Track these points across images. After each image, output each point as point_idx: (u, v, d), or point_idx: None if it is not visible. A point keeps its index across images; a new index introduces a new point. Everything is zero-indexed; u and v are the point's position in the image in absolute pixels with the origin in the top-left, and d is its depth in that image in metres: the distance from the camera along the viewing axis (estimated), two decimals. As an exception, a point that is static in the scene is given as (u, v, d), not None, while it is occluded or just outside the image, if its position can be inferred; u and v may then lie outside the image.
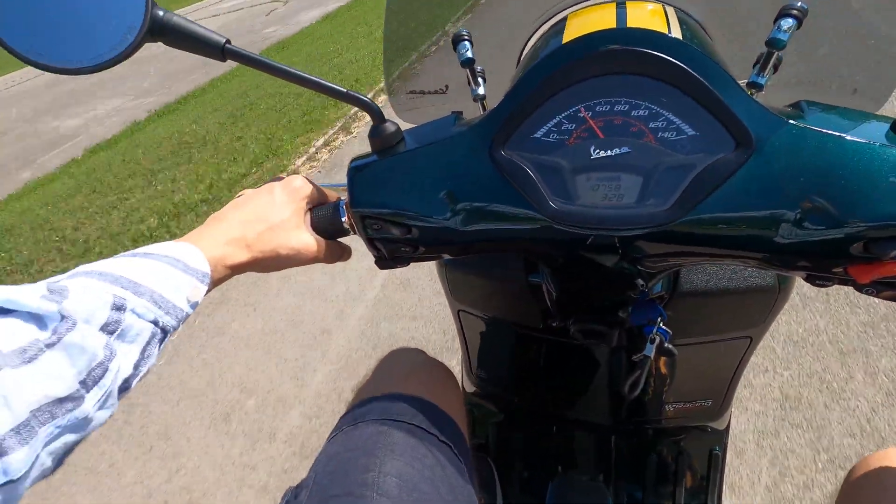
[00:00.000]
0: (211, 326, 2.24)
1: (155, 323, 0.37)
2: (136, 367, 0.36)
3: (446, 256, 0.50)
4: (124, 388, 0.36)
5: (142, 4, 0.39)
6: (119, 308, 0.35)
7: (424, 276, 2.20)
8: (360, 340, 1.99)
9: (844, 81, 0.54)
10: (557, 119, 0.40)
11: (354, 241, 0.53)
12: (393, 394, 0.61)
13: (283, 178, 0.53)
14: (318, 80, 0.45)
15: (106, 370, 0.34)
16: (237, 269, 0.46)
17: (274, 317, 2.22)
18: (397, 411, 0.58)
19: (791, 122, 0.36)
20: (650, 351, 0.50)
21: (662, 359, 0.64)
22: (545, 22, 0.58)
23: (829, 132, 0.36)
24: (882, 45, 0.52)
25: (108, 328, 0.34)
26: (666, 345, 0.49)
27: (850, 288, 0.40)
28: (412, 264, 0.52)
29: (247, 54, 0.43)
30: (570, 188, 0.40)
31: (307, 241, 0.50)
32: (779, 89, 0.48)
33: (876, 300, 1.46)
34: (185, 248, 0.42)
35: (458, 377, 0.79)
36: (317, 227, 0.52)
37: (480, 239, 0.45)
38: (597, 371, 0.66)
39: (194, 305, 0.41)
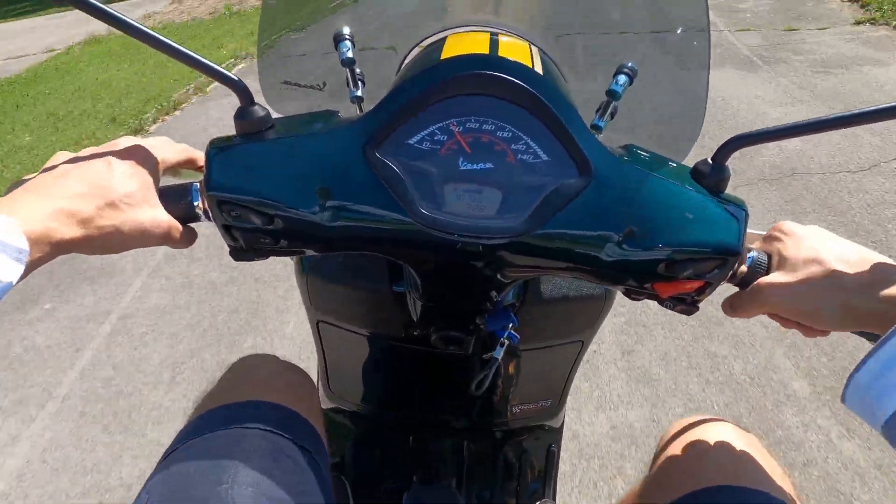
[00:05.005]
0: None
1: None
2: None
3: (309, 252, 0.48)
4: None
5: None
6: None
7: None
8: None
9: (660, 134, 0.66)
10: (431, 129, 0.42)
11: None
12: (244, 401, 0.56)
13: (122, 145, 0.45)
14: (182, 49, 0.41)
15: None
16: (64, 248, 0.38)
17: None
18: (250, 417, 0.54)
19: (622, 160, 0.43)
20: (499, 353, 0.54)
21: (510, 363, 0.69)
22: (426, 38, 0.61)
23: (649, 172, 0.43)
24: (685, 112, 0.65)
25: None
26: (514, 347, 0.54)
27: None
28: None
29: (98, 5, 0.38)
30: (438, 195, 0.42)
31: (158, 218, 0.44)
32: (613, 133, 0.57)
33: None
34: None
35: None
36: (165, 208, 0.47)
37: (346, 237, 0.44)
38: (451, 378, 0.69)
39: (6, 288, 0.33)
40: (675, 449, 0.61)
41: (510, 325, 0.54)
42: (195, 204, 0.47)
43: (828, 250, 0.44)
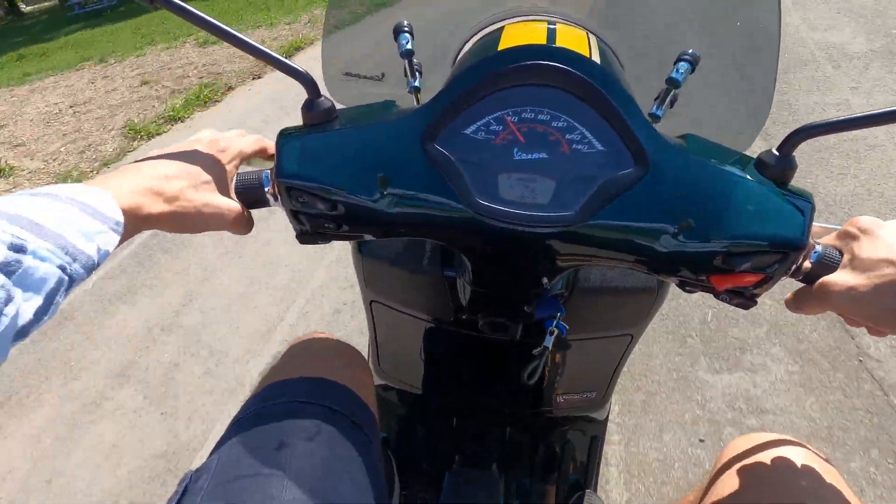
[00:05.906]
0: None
1: (62, 269, 0.34)
2: (38, 315, 0.33)
3: (368, 237, 0.51)
4: (20, 335, 0.32)
5: None
6: (18, 249, 0.31)
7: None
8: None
9: (722, 124, 0.63)
10: (487, 119, 0.43)
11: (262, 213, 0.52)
12: (304, 377, 0.60)
13: (205, 138, 0.50)
14: (254, 44, 0.45)
15: None
16: (152, 221, 0.43)
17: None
18: (309, 393, 0.57)
19: (681, 150, 0.43)
20: (549, 342, 0.55)
21: (557, 353, 0.69)
22: (483, 28, 0.62)
23: (709, 163, 0.42)
24: (750, 101, 0.62)
25: (4, 269, 0.31)
26: (563, 337, 0.55)
27: None
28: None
29: (179, 3, 0.42)
30: (492, 184, 0.43)
31: (232, 204, 0.48)
32: (671, 122, 0.56)
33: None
34: (94, 192, 0.38)
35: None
36: (238, 192, 0.51)
37: (403, 223, 0.46)
38: (498, 364, 0.71)
39: (104, 256, 0.37)
40: (742, 462, 0.58)
41: (558, 315, 0.54)
42: (266, 189, 0.51)
43: None
